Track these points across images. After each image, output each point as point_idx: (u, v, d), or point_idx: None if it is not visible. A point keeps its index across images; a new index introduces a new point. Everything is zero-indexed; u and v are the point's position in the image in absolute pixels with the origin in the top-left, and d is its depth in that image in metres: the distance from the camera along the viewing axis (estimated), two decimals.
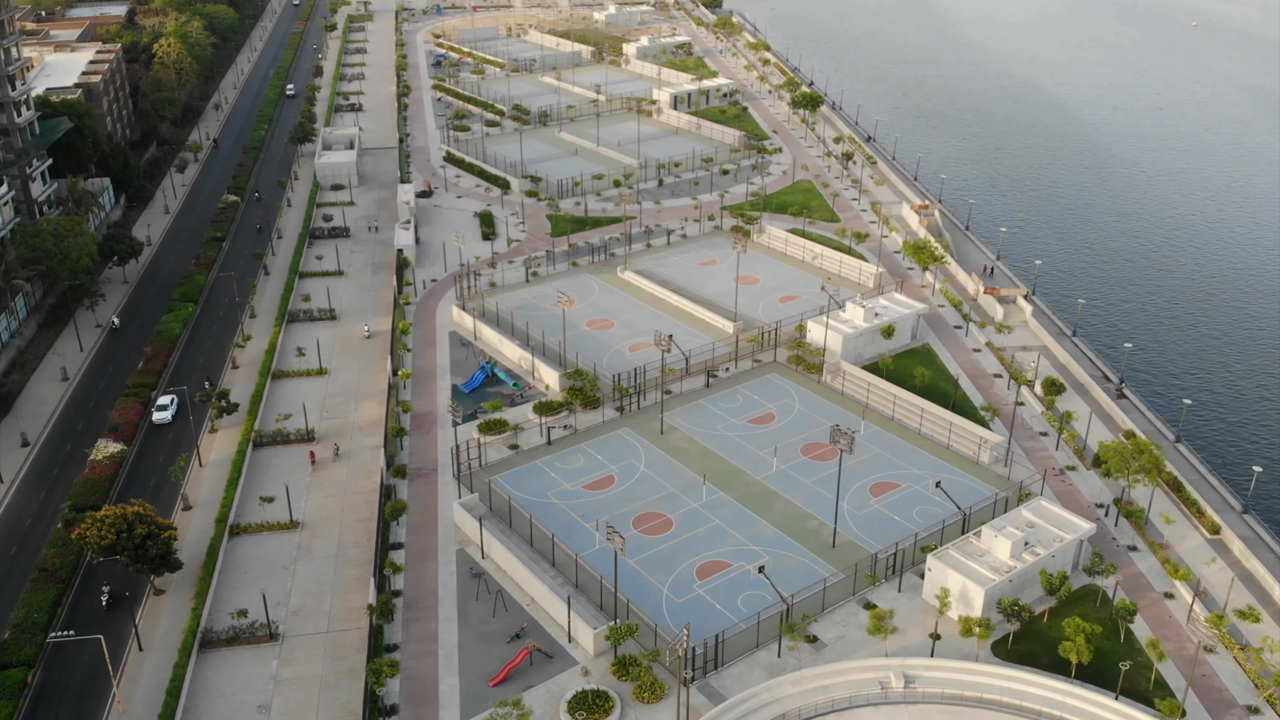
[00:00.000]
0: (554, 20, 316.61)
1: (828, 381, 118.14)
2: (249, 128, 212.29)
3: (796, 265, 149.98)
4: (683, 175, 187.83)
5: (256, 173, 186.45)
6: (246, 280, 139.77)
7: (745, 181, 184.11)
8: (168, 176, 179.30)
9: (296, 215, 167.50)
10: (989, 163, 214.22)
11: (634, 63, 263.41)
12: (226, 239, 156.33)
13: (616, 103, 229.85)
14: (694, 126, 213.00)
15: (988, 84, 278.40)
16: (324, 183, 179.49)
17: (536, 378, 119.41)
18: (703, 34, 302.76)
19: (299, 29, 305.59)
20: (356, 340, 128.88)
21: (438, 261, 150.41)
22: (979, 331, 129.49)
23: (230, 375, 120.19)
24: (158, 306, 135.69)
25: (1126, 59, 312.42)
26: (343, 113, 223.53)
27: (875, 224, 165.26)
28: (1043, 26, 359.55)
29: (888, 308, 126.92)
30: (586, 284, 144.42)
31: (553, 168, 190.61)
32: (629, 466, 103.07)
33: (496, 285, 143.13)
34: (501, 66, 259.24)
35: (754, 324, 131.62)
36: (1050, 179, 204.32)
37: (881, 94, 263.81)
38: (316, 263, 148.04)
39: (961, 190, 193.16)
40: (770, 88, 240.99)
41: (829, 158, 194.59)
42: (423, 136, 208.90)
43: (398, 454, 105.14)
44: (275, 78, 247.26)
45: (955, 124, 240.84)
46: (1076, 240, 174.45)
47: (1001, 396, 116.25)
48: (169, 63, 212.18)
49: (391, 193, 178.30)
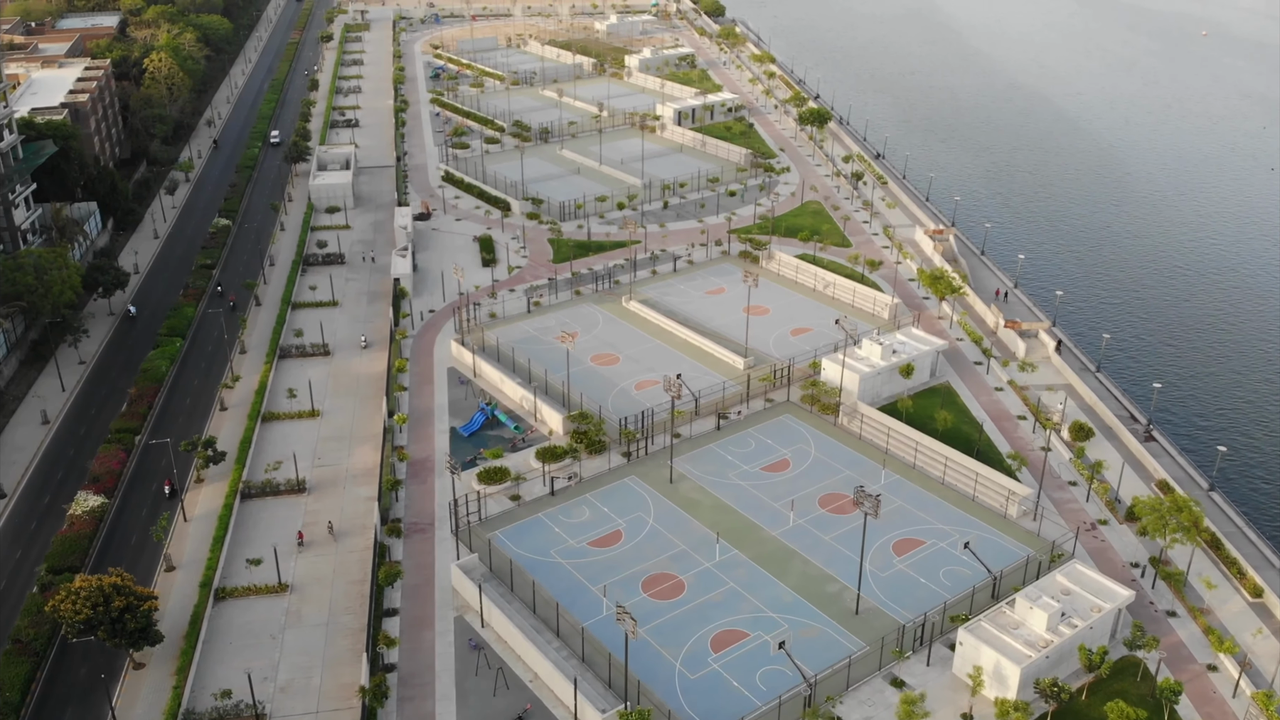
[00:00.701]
0: (554, 30, 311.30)
1: (844, 424, 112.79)
2: (241, 145, 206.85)
3: (808, 294, 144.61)
4: (688, 196, 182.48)
5: (249, 193, 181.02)
6: (236, 315, 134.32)
7: (753, 203, 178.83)
8: (157, 199, 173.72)
9: (290, 240, 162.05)
10: (1001, 180, 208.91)
11: (636, 75, 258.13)
12: (217, 265, 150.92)
13: (619, 117, 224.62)
14: (698, 144, 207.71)
15: (995, 95, 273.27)
16: (319, 205, 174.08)
17: (539, 419, 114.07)
18: (705, 44, 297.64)
19: (295, 38, 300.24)
20: (350, 377, 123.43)
21: (436, 290, 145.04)
22: (1000, 369, 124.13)
23: (218, 418, 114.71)
24: (144, 341, 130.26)
25: (1136, 69, 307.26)
26: (339, 128, 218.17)
27: (888, 249, 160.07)
28: (1049, 35, 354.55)
29: (905, 344, 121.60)
30: (590, 315, 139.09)
31: (554, 188, 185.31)
32: (637, 520, 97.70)
33: (497, 316, 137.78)
34: (501, 79, 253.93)
35: (765, 359, 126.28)
36: (1065, 198, 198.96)
37: (888, 106, 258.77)
38: (310, 293, 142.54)
39: (975, 211, 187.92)
40: (776, 102, 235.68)
41: (838, 177, 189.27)
42: (421, 154, 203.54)
43: (393, 506, 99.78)
44: (270, 91, 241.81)
45: (964, 138, 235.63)
46: (1096, 266, 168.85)
47: (1027, 441, 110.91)
48: (160, 78, 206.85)
49: (388, 215, 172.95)
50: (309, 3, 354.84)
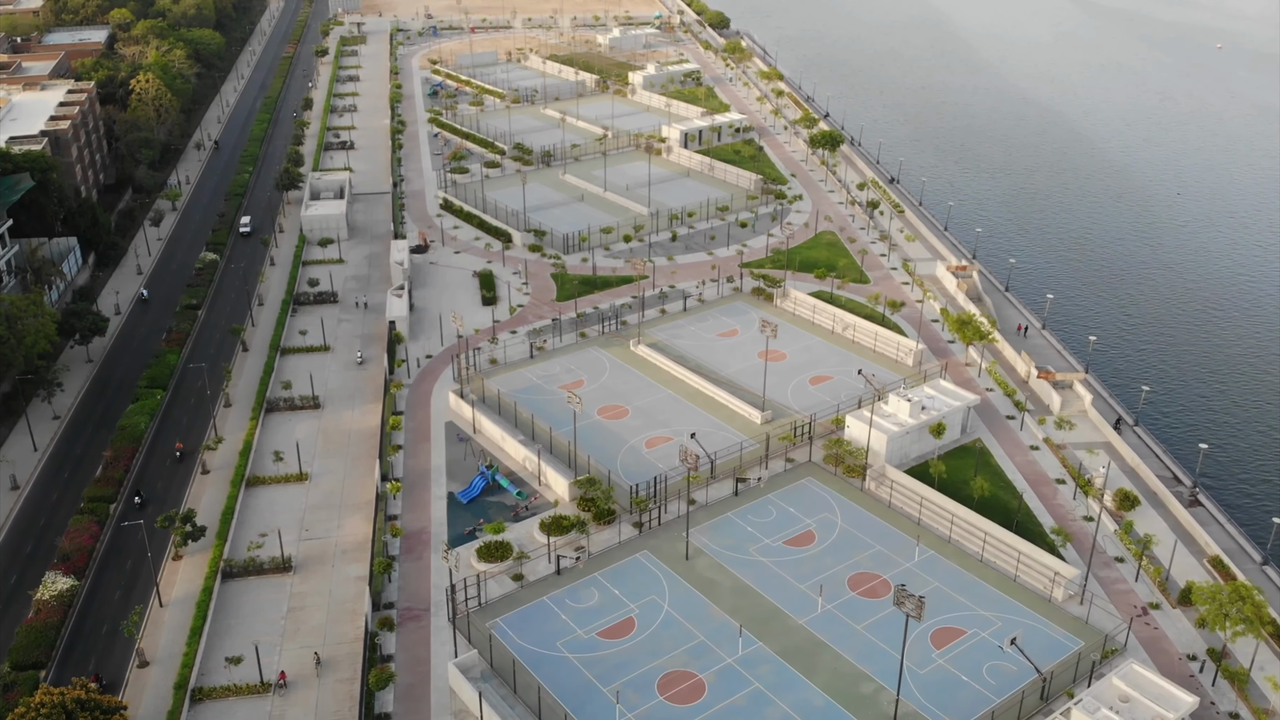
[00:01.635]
0: (555, 44, 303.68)
1: (872, 489, 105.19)
2: (232, 168, 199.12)
3: (826, 337, 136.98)
4: (696, 226, 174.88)
5: (238, 224, 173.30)
6: (221, 364, 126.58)
7: (765, 234, 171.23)
8: (141, 231, 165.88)
9: (280, 276, 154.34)
10: (1021, 206, 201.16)
11: (640, 93, 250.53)
12: (203, 306, 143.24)
13: (623, 139, 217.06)
14: (706, 168, 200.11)
15: (1008, 111, 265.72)
16: (311, 237, 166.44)
17: (543, 483, 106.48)
18: (710, 58, 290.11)
19: (289, 52, 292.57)
20: (341, 434, 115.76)
21: (433, 332, 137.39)
22: (1035, 425, 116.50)
23: (199, 482, 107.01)
24: (123, 393, 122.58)
25: (1150, 83, 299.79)
26: (333, 151, 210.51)
27: (908, 285, 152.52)
28: (1059, 47, 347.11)
29: (935, 398, 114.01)
30: (596, 360, 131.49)
31: (557, 217, 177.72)
32: (651, 605, 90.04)
33: (498, 362, 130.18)
34: (501, 97, 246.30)
35: (784, 412, 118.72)
36: (1089, 228, 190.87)
37: (899, 123, 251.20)
38: (300, 338, 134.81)
39: (998, 242, 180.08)
40: (785, 123, 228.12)
41: (853, 206, 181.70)
42: (418, 179, 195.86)
43: (385, 589, 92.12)
44: (262, 110, 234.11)
45: (979, 159, 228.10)
46: (1127, 305, 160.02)
47: (1068, 510, 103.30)
48: (147, 99, 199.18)
49: (384, 247, 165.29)
50: (304, 14, 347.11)
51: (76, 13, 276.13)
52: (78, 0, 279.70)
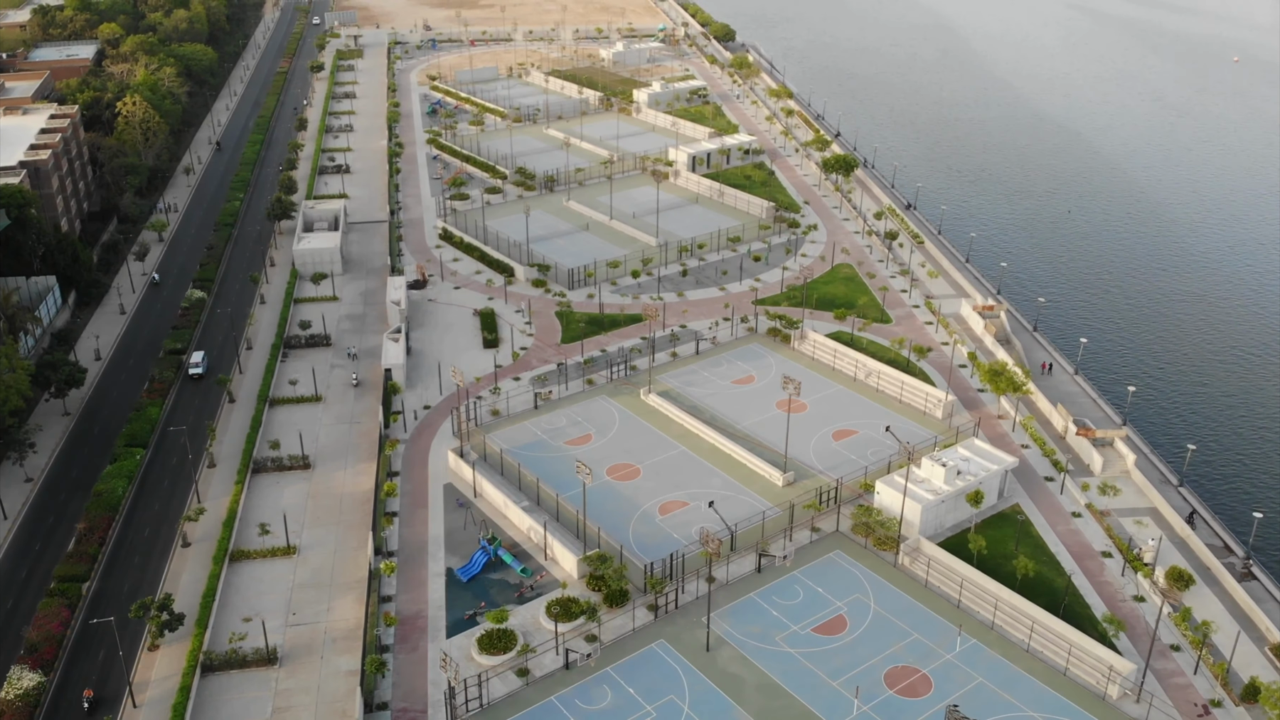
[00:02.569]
0: (557, 59, 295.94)
1: (905, 565, 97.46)
2: (221, 195, 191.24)
3: (848, 385, 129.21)
4: (707, 258, 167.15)
5: (228, 256, 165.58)
6: (205, 423, 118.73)
7: (779, 266, 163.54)
8: (125, 266, 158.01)
9: (271, 316, 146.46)
10: (1044, 234, 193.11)
11: (646, 111, 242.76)
12: (187, 351, 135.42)
13: (629, 161, 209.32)
14: (715, 194, 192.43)
15: (1022, 127, 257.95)
16: (304, 271, 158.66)
17: (549, 557, 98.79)
18: (716, 74, 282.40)
19: (284, 67, 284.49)
20: (332, 498, 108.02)
21: (431, 379, 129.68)
22: (1076, 490, 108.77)
23: (179, 557, 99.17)
24: (100, 452, 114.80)
25: (1167, 98, 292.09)
26: (328, 175, 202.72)
27: (931, 324, 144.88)
28: (1071, 59, 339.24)
29: (970, 461, 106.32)
30: (605, 411, 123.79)
31: (561, 248, 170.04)
32: (669, 708, 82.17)
33: (500, 414, 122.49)
34: (503, 116, 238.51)
35: (807, 473, 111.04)
36: (1117, 258, 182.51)
37: (911, 141, 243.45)
38: (290, 388, 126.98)
39: (1022, 273, 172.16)
40: (797, 145, 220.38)
41: (870, 236, 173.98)
42: (416, 206, 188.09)
43: (378, 686, 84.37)
44: (255, 131, 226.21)
45: (997, 180, 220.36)
46: (1164, 347, 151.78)
47: (1116, 588, 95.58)
48: (134, 123, 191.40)
49: (380, 282, 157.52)
50: (300, 26, 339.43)
51: (64, 27, 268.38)
52: (65, 14, 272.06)
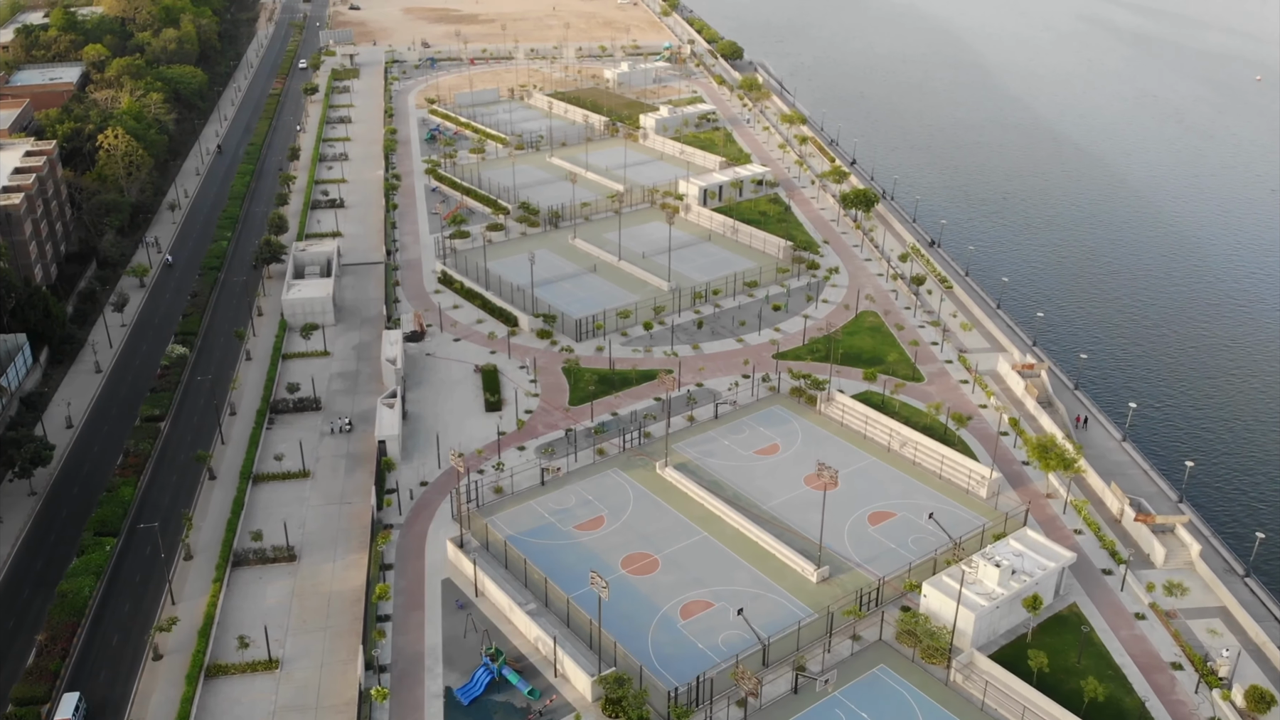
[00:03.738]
0: (560, 79, 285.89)
1: (959, 683, 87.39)
2: (208, 234, 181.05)
3: (882, 456, 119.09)
4: (723, 304, 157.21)
5: (213, 304, 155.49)
6: (181, 511, 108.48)
7: (799, 313, 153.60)
8: (102, 318, 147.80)
9: (257, 375, 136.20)
10: (1074, 272, 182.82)
11: (653, 138, 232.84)
12: (166, 417, 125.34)
13: (637, 193, 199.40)
14: (729, 230, 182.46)
15: (1044, 152, 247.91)
16: (293, 323, 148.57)
17: (560, 674, 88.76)
18: (725, 96, 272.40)
19: (276, 89, 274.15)
20: (320, 597, 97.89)
21: (429, 449, 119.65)
22: (1139, 586, 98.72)
23: (150, 672, 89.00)
24: (67, 541, 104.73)
25: (1188, 119, 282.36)
26: (321, 210, 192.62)
27: (967, 383, 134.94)
28: (1089, 77, 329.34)
29: (1023, 556, 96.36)
30: (618, 488, 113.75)
31: (567, 293, 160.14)
32: None
33: (503, 491, 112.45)
34: (504, 143, 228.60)
35: (843, 566, 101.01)
36: (1154, 303, 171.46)
37: (929, 167, 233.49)
38: (275, 464, 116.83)
39: (1057, 318, 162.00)
40: (813, 176, 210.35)
41: (895, 280, 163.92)
42: (414, 245, 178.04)
43: None
44: (245, 161, 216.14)
45: (1020, 211, 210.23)
46: (1221, 414, 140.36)
47: (1190, 708, 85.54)
48: (117, 156, 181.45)
49: (375, 334, 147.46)
50: (294, 43, 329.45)
51: (48, 48, 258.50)
52: (50, 34, 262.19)
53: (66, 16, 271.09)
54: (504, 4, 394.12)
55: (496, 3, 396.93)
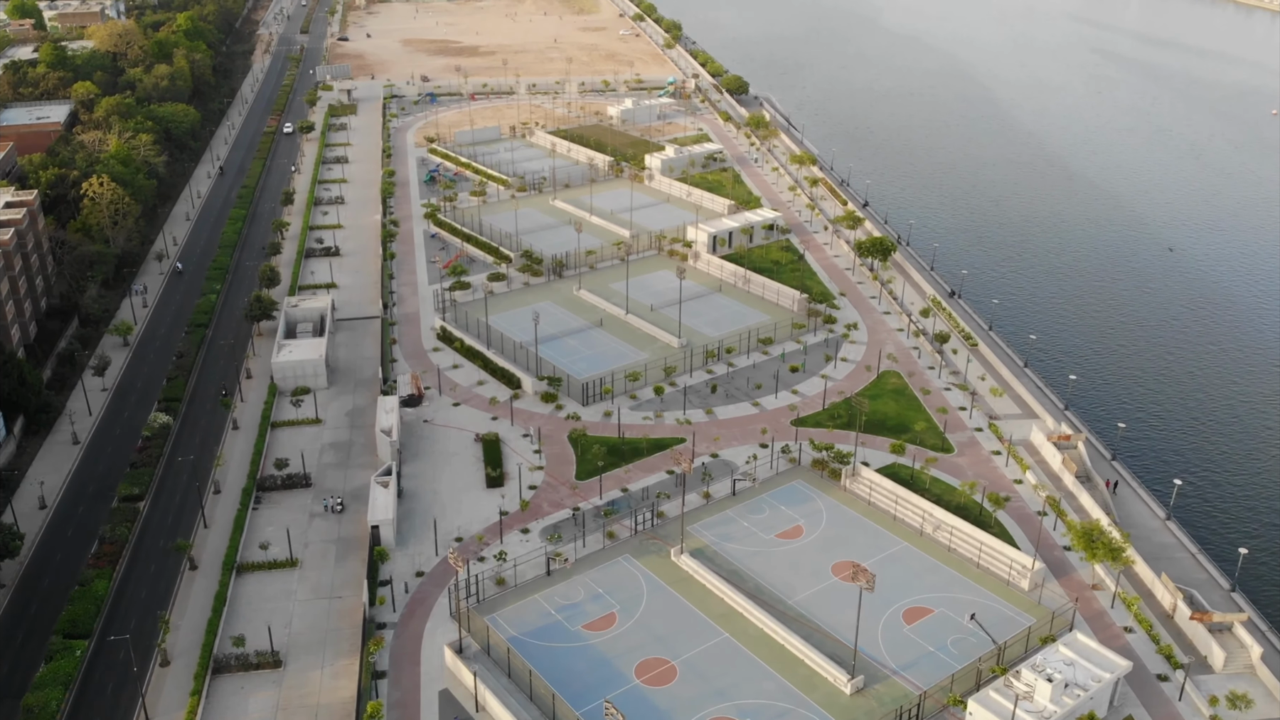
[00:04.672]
0: (562, 115, 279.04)
1: None
2: (197, 286, 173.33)
3: (914, 540, 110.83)
4: (736, 363, 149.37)
5: (199, 365, 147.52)
6: (157, 613, 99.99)
7: (817, 374, 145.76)
8: (80, 383, 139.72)
9: (244, 446, 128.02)
10: (1103, 325, 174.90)
11: (659, 178, 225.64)
12: (146, 497, 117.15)
13: (644, 239, 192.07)
14: (741, 280, 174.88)
15: (1059, 194, 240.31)
16: (283, 386, 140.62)
17: None
18: (731, 132, 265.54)
19: (271, 126, 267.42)
20: (306, 712, 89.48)
21: (426, 534, 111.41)
22: (1199, 698, 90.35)
23: None
24: (34, 645, 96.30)
25: (1205, 155, 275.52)
26: (315, 259, 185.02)
27: (999, 454, 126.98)
28: (1100, 111, 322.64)
29: (1074, 664, 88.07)
30: (630, 579, 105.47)
31: (573, 349, 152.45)
32: None
33: (505, 583, 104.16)
34: (506, 184, 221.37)
35: (878, 674, 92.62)
36: (1193, 362, 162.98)
37: (945, 210, 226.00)
38: (261, 553, 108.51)
39: (1092, 386, 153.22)
40: (826, 222, 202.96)
41: (918, 337, 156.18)
42: (413, 297, 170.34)
43: None
44: (238, 205, 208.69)
45: (1038, 256, 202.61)
46: (1264, 499, 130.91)
47: None
48: (102, 204, 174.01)
49: (369, 398, 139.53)
50: (290, 76, 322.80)
51: (36, 85, 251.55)
52: (38, 71, 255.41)
53: (56, 52, 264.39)
54: (504, 36, 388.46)
55: (497, 34, 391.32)
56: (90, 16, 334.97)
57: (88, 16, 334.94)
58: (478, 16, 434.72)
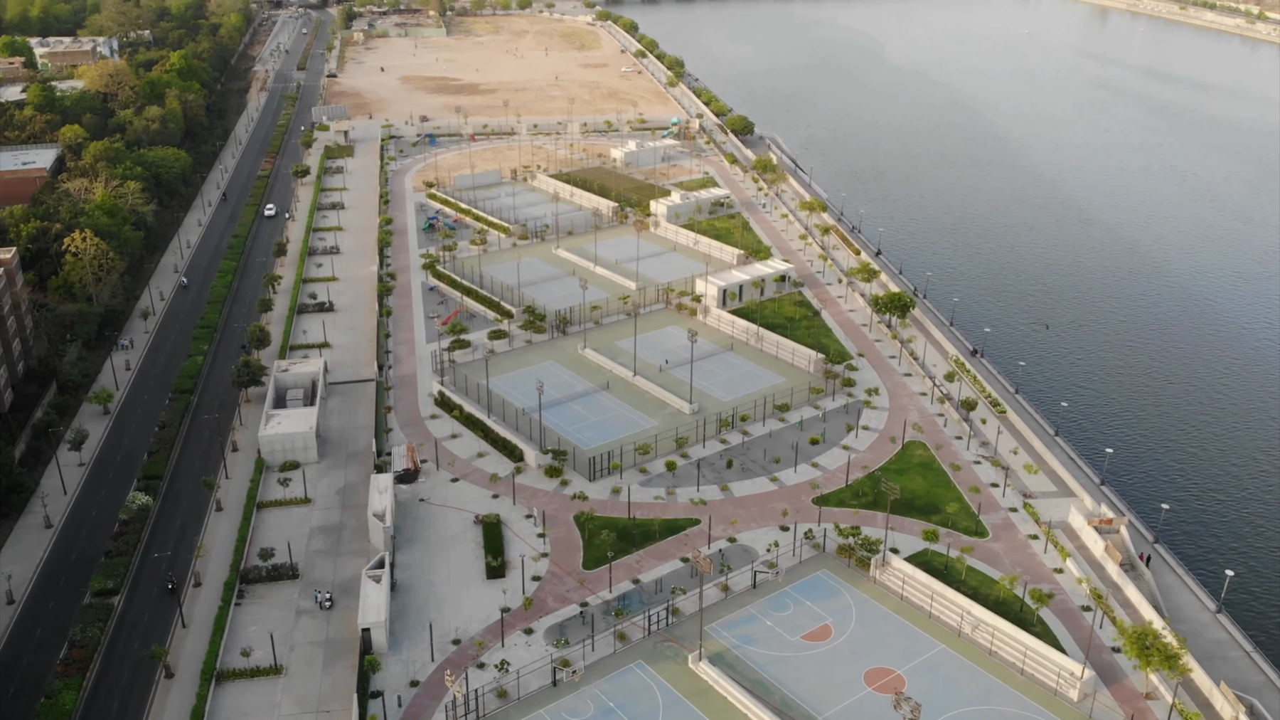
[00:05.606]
0: (565, 158, 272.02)
1: None
2: (183, 347, 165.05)
3: (952, 643, 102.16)
4: (752, 431, 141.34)
5: (181, 437, 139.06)
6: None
7: (838, 444, 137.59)
8: (55, 459, 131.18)
9: (227, 533, 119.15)
10: (1137, 393, 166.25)
11: (664, 225, 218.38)
12: (120, 591, 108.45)
13: (650, 292, 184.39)
14: (753, 337, 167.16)
15: (1075, 240, 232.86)
16: (271, 461, 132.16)
17: None
18: (737, 175, 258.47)
19: (265, 170, 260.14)
20: None
21: (421, 635, 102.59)
22: None
23: None
24: None
25: (1222, 200, 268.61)
26: (308, 314, 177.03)
27: (1036, 538, 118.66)
28: (1112, 150, 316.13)
29: None
30: (644, 691, 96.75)
31: (578, 416, 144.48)
32: None
33: (508, 696, 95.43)
34: (507, 232, 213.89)
35: None
36: (1242, 438, 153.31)
37: (959, 256, 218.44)
38: (242, 659, 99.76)
39: (1128, 448, 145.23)
40: (840, 275, 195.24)
41: (943, 403, 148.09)
42: (409, 358, 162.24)
43: None
44: (229, 255, 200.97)
45: (1060, 309, 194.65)
46: None
47: None
48: (85, 260, 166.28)
49: (362, 474, 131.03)
50: (286, 116, 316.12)
51: (23, 128, 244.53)
52: (25, 114, 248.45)
53: (45, 93, 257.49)
54: (505, 72, 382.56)
55: (497, 71, 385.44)
56: (81, 55, 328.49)
57: (79, 55, 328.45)
58: (478, 52, 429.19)
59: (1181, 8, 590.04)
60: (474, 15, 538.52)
